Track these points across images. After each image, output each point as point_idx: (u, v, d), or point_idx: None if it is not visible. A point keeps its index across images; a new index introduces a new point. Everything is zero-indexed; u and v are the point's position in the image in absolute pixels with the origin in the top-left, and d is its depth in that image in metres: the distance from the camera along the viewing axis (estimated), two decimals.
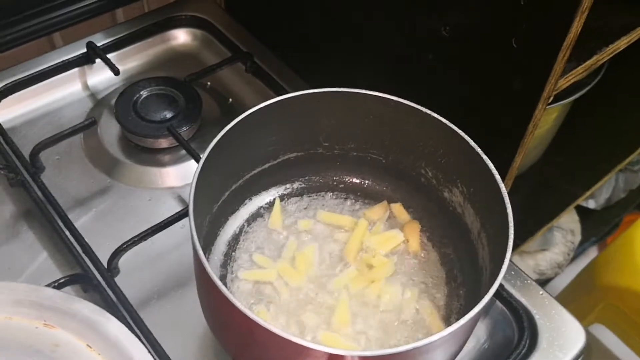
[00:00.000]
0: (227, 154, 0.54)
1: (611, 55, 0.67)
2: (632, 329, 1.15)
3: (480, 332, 0.62)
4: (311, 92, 0.57)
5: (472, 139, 0.55)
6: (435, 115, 0.56)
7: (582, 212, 1.47)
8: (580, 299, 1.26)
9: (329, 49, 0.79)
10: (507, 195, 0.51)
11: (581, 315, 1.22)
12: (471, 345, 0.61)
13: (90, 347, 0.42)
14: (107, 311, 0.58)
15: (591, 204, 1.48)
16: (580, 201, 1.10)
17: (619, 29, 0.68)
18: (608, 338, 1.22)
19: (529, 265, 1.39)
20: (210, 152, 0.52)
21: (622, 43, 0.67)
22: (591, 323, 1.21)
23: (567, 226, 1.46)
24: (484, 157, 0.53)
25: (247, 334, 0.46)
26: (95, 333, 0.42)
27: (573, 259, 1.48)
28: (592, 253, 1.56)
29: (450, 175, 0.59)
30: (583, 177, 1.08)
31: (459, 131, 0.55)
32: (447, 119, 0.56)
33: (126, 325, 0.57)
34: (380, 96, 0.57)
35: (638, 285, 1.10)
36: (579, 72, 0.64)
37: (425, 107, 0.56)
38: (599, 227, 1.55)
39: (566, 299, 1.31)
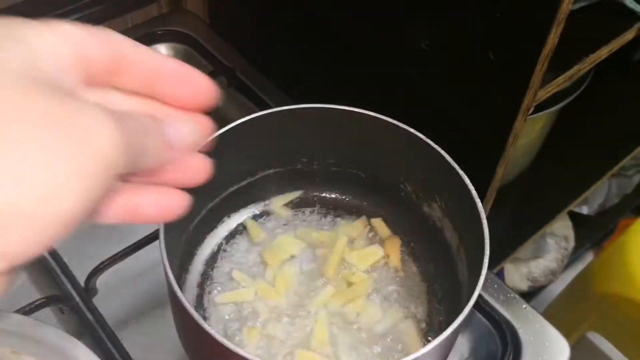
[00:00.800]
0: None
1: (592, 65, 0.67)
2: (628, 336, 1.14)
3: (463, 347, 0.61)
4: (287, 108, 0.56)
5: (453, 151, 0.54)
6: (412, 130, 0.55)
7: (576, 218, 1.46)
8: (575, 306, 1.26)
9: (310, 64, 0.79)
10: (482, 209, 0.51)
11: (576, 323, 1.21)
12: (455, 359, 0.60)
13: None
14: (85, 333, 0.58)
15: (585, 210, 1.48)
16: (571, 208, 1.09)
17: (600, 39, 0.68)
18: (604, 345, 1.22)
19: (523, 273, 1.39)
20: None
21: (603, 52, 0.67)
22: (586, 331, 1.20)
23: (560, 232, 1.45)
24: (460, 171, 0.53)
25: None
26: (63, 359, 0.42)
27: (567, 265, 1.47)
28: (587, 259, 1.55)
29: (428, 190, 0.58)
30: (573, 184, 1.08)
31: (435, 146, 0.54)
32: (428, 133, 0.55)
33: (104, 347, 0.57)
34: (356, 111, 0.56)
35: (633, 293, 1.10)
36: (559, 82, 0.64)
37: (407, 121, 0.56)
38: (593, 233, 1.55)
39: (561, 306, 1.31)
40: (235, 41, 0.86)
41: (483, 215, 0.50)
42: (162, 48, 0.85)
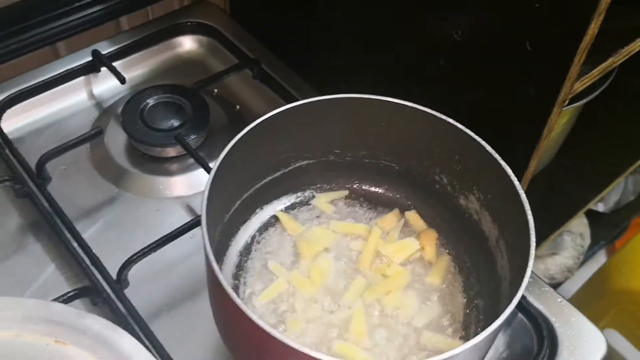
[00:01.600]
0: (237, 162, 0.53)
1: (626, 57, 0.66)
2: None
3: (499, 342, 0.60)
4: (322, 98, 0.56)
5: (487, 144, 0.54)
6: (450, 120, 0.55)
7: (591, 215, 1.45)
8: (591, 304, 1.25)
9: (337, 55, 0.78)
10: (527, 201, 0.50)
11: (593, 321, 1.21)
12: (489, 356, 0.59)
13: None
14: (117, 324, 0.57)
15: (600, 207, 1.47)
16: (591, 205, 1.09)
17: (634, 30, 0.67)
18: (620, 343, 1.21)
19: (539, 270, 1.38)
20: (221, 161, 0.51)
21: (638, 45, 0.66)
22: (603, 328, 1.20)
23: (576, 230, 1.44)
24: (502, 162, 0.52)
25: (262, 347, 0.45)
26: (107, 349, 0.41)
27: (583, 263, 1.47)
28: (601, 256, 1.54)
29: (466, 181, 0.57)
30: (593, 180, 1.07)
31: (475, 136, 0.54)
32: (462, 125, 0.55)
33: (137, 339, 0.56)
34: (393, 102, 0.56)
35: None
36: (594, 74, 0.63)
37: (439, 112, 0.55)
38: (608, 230, 1.54)
39: (577, 304, 1.30)
40: (257, 31, 0.86)
41: (527, 207, 0.49)
42: (187, 40, 0.85)
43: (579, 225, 1.45)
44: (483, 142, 0.53)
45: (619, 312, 1.18)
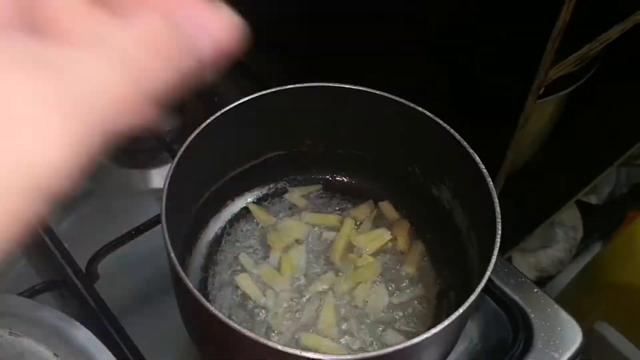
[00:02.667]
0: (205, 152, 0.52)
1: (604, 44, 0.65)
2: (637, 326, 1.13)
3: (473, 332, 0.59)
4: (292, 87, 0.55)
5: (462, 135, 0.53)
6: (421, 109, 0.54)
7: (584, 208, 1.44)
8: (583, 296, 1.24)
9: (311, 41, 0.77)
10: (494, 189, 0.49)
11: (585, 313, 1.20)
12: (463, 347, 0.59)
13: (57, 356, 0.40)
14: (86, 318, 0.57)
15: (593, 200, 1.46)
16: (580, 196, 1.08)
17: (612, 17, 0.66)
18: (612, 336, 1.20)
19: (531, 263, 1.37)
20: (184, 150, 0.50)
21: (615, 32, 0.65)
22: (595, 321, 1.19)
23: (568, 222, 1.43)
24: (471, 151, 0.52)
25: (227, 342, 0.44)
26: (62, 341, 0.40)
27: (575, 255, 1.46)
28: (595, 249, 1.53)
29: (437, 171, 0.57)
30: (582, 171, 1.06)
31: (446, 126, 0.53)
32: (434, 115, 0.54)
33: (105, 332, 0.55)
34: (363, 90, 0.55)
35: None
36: (570, 62, 0.62)
37: (413, 102, 0.55)
38: (601, 223, 1.53)
39: (569, 296, 1.29)
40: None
41: (494, 195, 0.49)
42: None
43: (572, 218, 1.44)
44: (453, 132, 0.53)
45: (610, 305, 1.17)
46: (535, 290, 0.61)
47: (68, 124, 0.20)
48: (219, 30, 0.24)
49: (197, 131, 0.51)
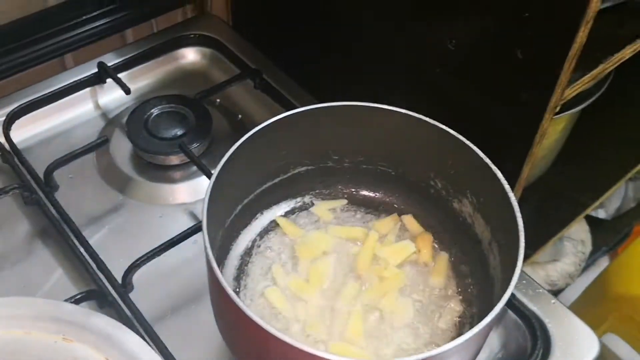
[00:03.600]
0: (238, 168, 0.55)
1: (617, 64, 0.68)
2: None
3: (494, 342, 0.62)
4: (319, 106, 0.58)
5: (479, 150, 0.55)
6: (443, 126, 0.57)
7: (593, 222, 1.47)
8: (592, 309, 1.26)
9: (335, 64, 0.80)
10: (516, 203, 0.51)
11: (594, 326, 1.21)
12: (484, 356, 0.61)
13: None
14: None
15: (601, 214, 1.48)
16: (590, 211, 1.10)
17: (624, 38, 0.69)
18: (621, 348, 1.22)
19: (540, 276, 1.39)
20: (222, 167, 0.52)
21: (627, 52, 0.68)
22: (604, 333, 1.21)
23: (577, 236, 1.45)
24: (493, 167, 0.54)
25: (262, 346, 0.46)
26: (113, 347, 0.43)
27: (584, 269, 1.48)
28: (604, 263, 1.55)
29: (459, 186, 0.59)
30: (592, 186, 1.08)
31: (467, 142, 0.56)
32: (454, 131, 0.57)
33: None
34: (387, 109, 0.58)
35: None
36: (585, 81, 0.65)
37: (433, 119, 0.57)
38: (609, 236, 1.55)
39: (578, 309, 1.30)
40: (259, 43, 0.88)
41: (517, 210, 0.51)
42: (190, 52, 0.87)
43: (580, 231, 1.46)
44: (475, 148, 0.55)
45: (618, 317, 1.19)
46: (553, 301, 0.63)
47: None
48: None
49: (233, 148, 0.53)
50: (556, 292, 1.43)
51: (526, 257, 0.99)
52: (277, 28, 0.87)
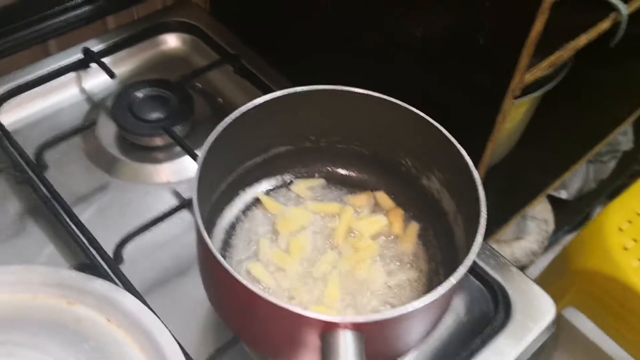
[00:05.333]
0: (222, 149, 0.59)
1: (572, 51, 0.73)
2: (604, 311, 1.20)
3: (459, 307, 0.67)
4: (297, 90, 0.62)
5: (448, 130, 0.60)
6: (411, 108, 0.61)
7: (555, 202, 1.53)
8: (554, 283, 1.31)
9: (310, 50, 0.84)
10: (479, 177, 0.56)
11: (555, 299, 1.27)
12: (451, 319, 0.66)
13: (109, 320, 0.47)
14: None
15: (563, 195, 1.54)
16: (551, 190, 1.16)
17: (580, 27, 0.74)
18: (581, 321, 1.28)
19: (506, 254, 1.45)
20: (208, 148, 0.56)
21: (582, 40, 0.73)
22: (565, 306, 1.27)
23: (541, 216, 1.52)
24: (457, 144, 0.59)
25: (248, 307, 0.51)
26: (112, 307, 0.47)
27: (547, 247, 1.54)
28: (566, 241, 1.62)
29: (427, 163, 0.64)
30: (553, 167, 1.14)
31: (434, 122, 0.60)
32: (424, 114, 0.61)
33: None
34: (361, 92, 0.62)
35: (608, 269, 1.15)
36: (543, 66, 0.70)
37: (404, 103, 0.62)
38: (571, 216, 1.62)
39: (541, 284, 1.36)
40: (236, 28, 0.92)
41: (479, 182, 0.56)
42: (171, 38, 0.90)
43: (544, 211, 1.52)
44: (440, 127, 0.60)
45: (578, 291, 1.24)
46: (513, 269, 0.69)
47: None
48: None
49: (218, 131, 0.57)
50: (521, 269, 1.49)
51: (490, 233, 1.06)
52: (252, 14, 0.91)
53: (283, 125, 0.65)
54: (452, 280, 0.50)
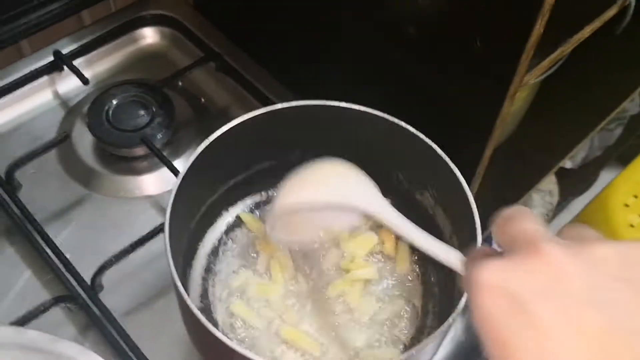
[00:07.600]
0: (201, 171, 0.55)
1: (576, 45, 0.68)
2: None
3: (457, 326, 0.64)
4: (280, 107, 0.58)
5: (442, 136, 0.56)
6: (402, 123, 0.57)
7: (560, 172, 1.49)
8: None
9: (297, 47, 0.79)
10: (472, 197, 0.53)
11: None
12: (449, 338, 0.63)
13: None
14: (92, 327, 0.60)
15: (568, 164, 1.51)
16: (556, 169, 1.12)
17: (583, 18, 0.69)
18: None
19: None
20: (185, 173, 0.53)
21: (586, 32, 0.68)
22: None
23: (545, 188, 1.48)
24: (448, 160, 0.55)
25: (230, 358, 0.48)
26: None
27: (552, 219, 1.51)
28: (571, 209, 1.59)
29: (420, 179, 0.60)
30: (557, 146, 1.10)
31: (423, 137, 0.56)
32: (417, 119, 0.57)
33: (112, 340, 0.59)
34: (346, 107, 0.58)
35: None
36: (544, 65, 0.65)
37: (396, 108, 0.57)
38: (576, 185, 1.58)
39: None
40: (220, 23, 0.86)
41: (474, 205, 0.52)
42: (150, 32, 0.85)
43: (548, 182, 1.48)
44: (432, 144, 0.56)
45: None
46: None
47: None
48: None
49: (196, 154, 0.53)
50: None
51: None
52: (238, 8, 0.86)
53: (266, 141, 0.61)
54: (446, 325, 0.46)
